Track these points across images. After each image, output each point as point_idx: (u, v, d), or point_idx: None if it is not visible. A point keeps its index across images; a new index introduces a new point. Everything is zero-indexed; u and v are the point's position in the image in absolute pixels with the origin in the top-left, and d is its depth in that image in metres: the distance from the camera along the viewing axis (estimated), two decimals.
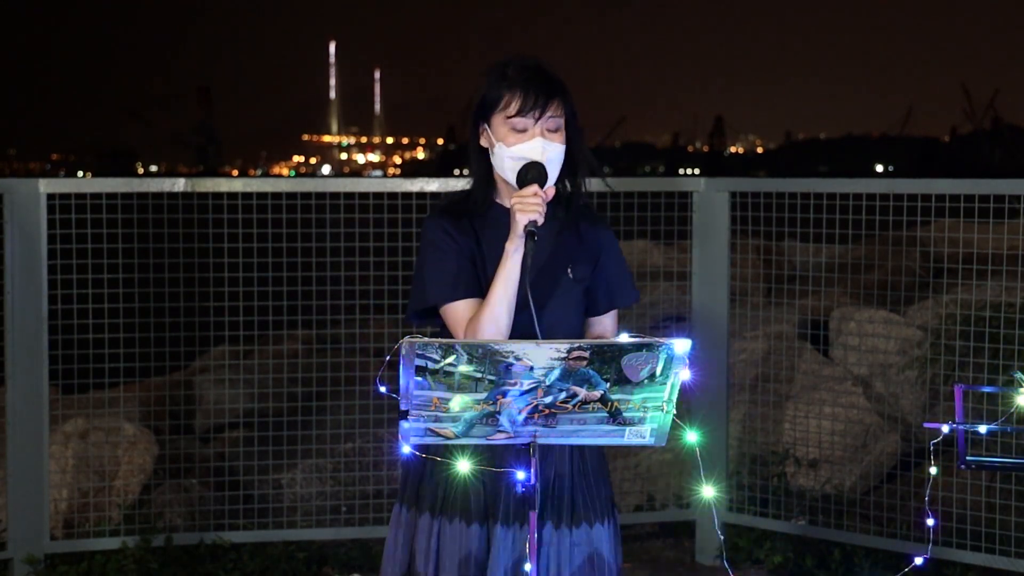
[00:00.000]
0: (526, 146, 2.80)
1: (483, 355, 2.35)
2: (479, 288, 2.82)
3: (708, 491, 4.22)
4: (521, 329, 2.75)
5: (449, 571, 2.80)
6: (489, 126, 2.86)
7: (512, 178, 2.80)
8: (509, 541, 2.79)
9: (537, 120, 2.81)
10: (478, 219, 2.88)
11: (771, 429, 5.63)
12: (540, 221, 2.70)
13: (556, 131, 2.83)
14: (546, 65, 2.88)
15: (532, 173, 2.76)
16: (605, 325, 2.99)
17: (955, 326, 5.71)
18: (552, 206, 2.86)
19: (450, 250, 2.85)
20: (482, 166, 2.90)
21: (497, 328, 2.73)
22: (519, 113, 2.81)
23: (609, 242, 2.98)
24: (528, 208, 2.69)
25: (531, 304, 2.64)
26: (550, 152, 2.80)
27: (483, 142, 2.88)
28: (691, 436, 2.65)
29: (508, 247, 2.72)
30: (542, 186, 2.75)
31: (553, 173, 2.81)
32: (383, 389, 2.54)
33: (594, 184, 3.05)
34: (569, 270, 2.89)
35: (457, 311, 2.81)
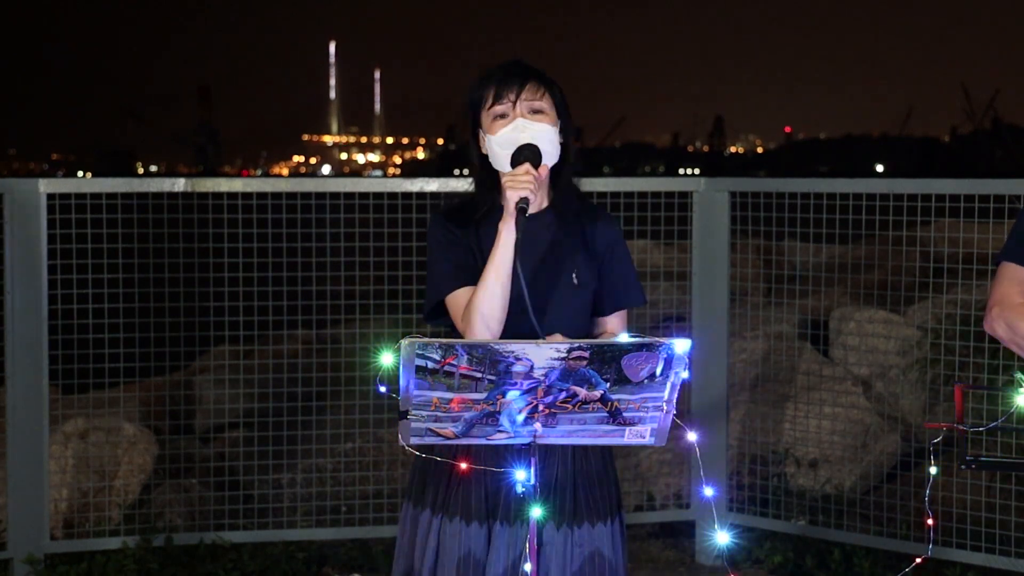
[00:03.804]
0: (508, 128, 2.83)
1: (483, 355, 2.35)
2: (478, 278, 2.82)
3: (708, 491, 4.22)
4: (517, 328, 2.75)
5: (448, 569, 2.81)
6: (481, 127, 2.88)
7: (505, 166, 2.82)
8: (509, 540, 2.79)
9: (515, 102, 2.84)
10: (483, 221, 2.89)
11: (771, 429, 5.63)
12: (532, 199, 2.71)
13: (539, 113, 2.85)
14: (526, 61, 2.93)
15: (525, 153, 2.78)
16: (611, 325, 2.98)
17: (955, 326, 5.71)
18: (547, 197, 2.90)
19: (451, 244, 2.88)
20: (485, 173, 2.92)
21: (493, 304, 2.74)
22: (496, 99, 2.85)
23: (615, 242, 2.98)
24: (519, 185, 2.71)
25: (523, 283, 2.60)
26: (532, 131, 2.81)
27: (484, 148, 2.90)
28: (691, 436, 2.65)
29: (500, 226, 2.74)
30: (536, 167, 2.76)
31: (545, 153, 2.83)
32: (383, 389, 2.54)
33: (594, 184, 3.05)
34: (574, 276, 2.89)
35: (458, 299, 2.83)
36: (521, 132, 2.81)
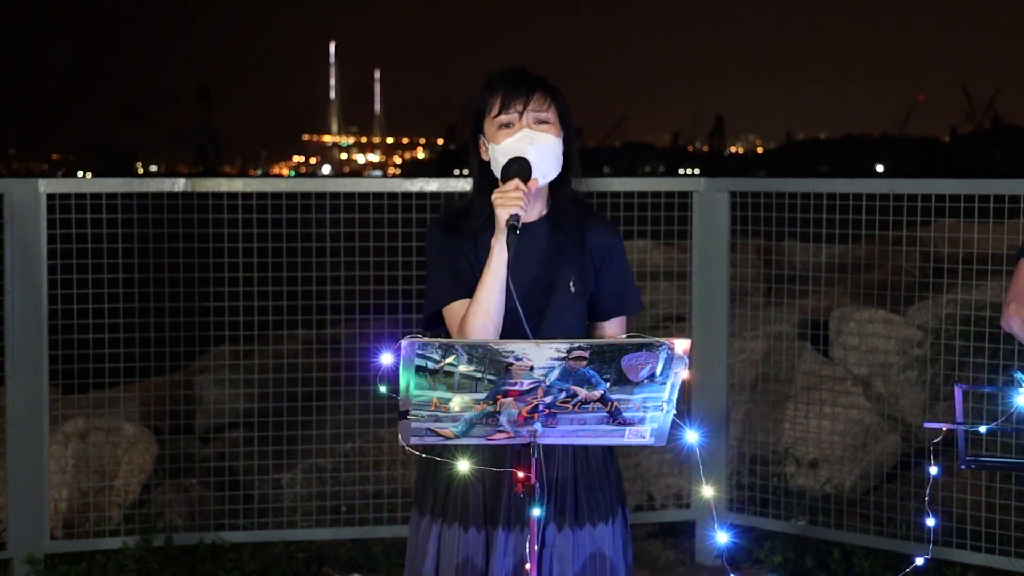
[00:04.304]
0: (513, 138, 2.81)
1: (483, 355, 2.35)
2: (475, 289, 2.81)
3: (708, 491, 4.22)
4: (513, 334, 2.75)
5: (447, 575, 2.81)
6: (484, 135, 2.87)
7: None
8: (510, 545, 2.78)
9: (521, 113, 2.82)
10: (480, 230, 2.87)
11: (771, 429, 5.63)
12: (522, 215, 2.70)
13: (545, 123, 2.83)
14: (530, 68, 2.91)
15: (515, 167, 2.76)
16: (611, 331, 2.97)
17: (955, 326, 5.71)
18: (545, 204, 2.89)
19: (450, 253, 2.87)
20: (483, 180, 2.90)
21: (486, 322, 2.73)
22: (503, 109, 2.82)
23: (615, 249, 2.96)
24: (508, 203, 2.69)
25: (515, 300, 2.64)
26: (538, 142, 2.79)
27: (484, 155, 2.89)
28: (691, 436, 2.64)
29: (493, 243, 2.73)
30: (525, 181, 2.74)
31: (547, 165, 2.81)
32: (383, 389, 2.54)
33: (594, 184, 3.05)
34: (571, 284, 2.88)
35: (455, 311, 2.82)
36: (528, 143, 2.78)
